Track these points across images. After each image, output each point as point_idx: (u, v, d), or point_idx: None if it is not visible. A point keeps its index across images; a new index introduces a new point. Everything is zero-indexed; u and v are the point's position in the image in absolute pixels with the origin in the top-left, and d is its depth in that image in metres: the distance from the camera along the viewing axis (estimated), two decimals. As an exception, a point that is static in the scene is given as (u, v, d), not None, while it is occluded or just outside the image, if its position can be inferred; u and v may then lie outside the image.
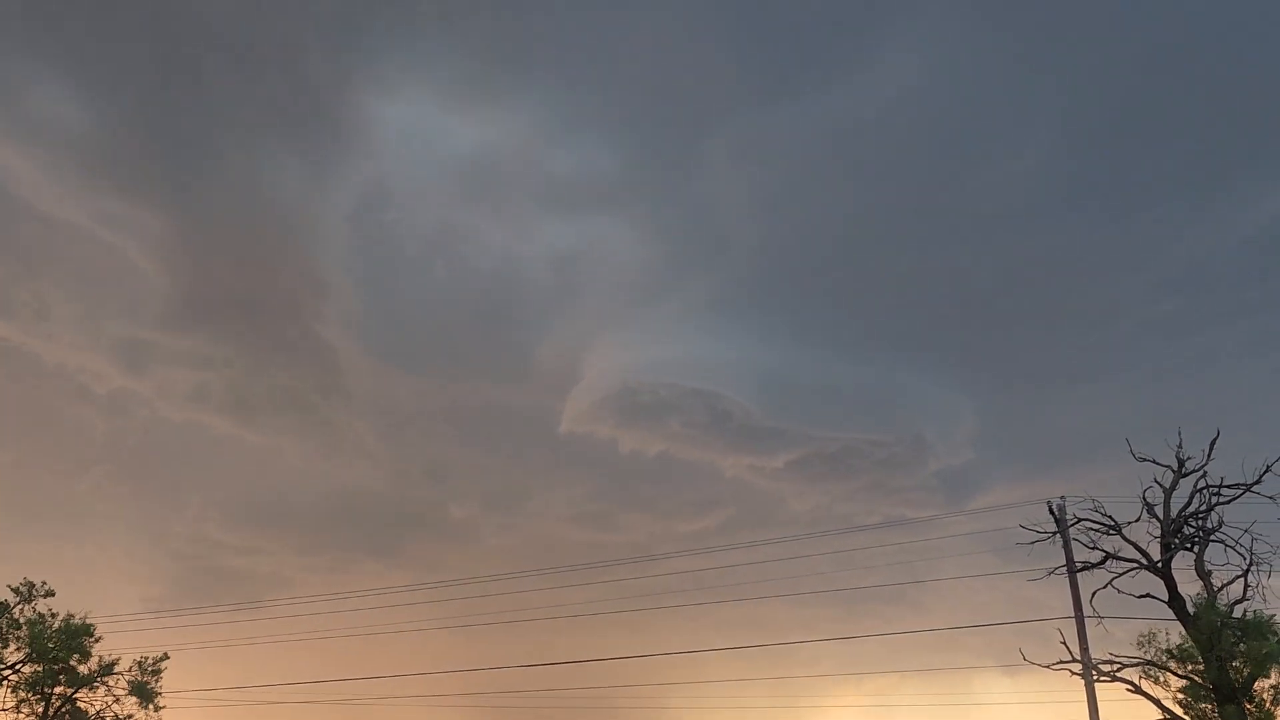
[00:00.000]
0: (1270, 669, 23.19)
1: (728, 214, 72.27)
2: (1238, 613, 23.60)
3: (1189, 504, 24.56)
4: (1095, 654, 24.76)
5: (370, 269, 71.82)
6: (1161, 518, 24.69)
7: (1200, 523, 24.52)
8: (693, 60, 67.96)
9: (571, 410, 68.74)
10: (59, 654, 32.71)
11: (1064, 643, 24.84)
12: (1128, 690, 24.10)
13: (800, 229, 71.40)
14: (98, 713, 33.76)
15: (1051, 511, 26.23)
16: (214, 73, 65.40)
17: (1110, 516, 25.10)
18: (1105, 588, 24.97)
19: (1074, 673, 24.69)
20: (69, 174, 65.01)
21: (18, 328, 67.76)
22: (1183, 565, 24.53)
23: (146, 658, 34.16)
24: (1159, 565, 24.46)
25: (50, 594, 33.74)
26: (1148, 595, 24.62)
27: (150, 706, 33.88)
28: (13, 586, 33.39)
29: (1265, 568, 23.82)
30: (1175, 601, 24.31)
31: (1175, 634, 24.31)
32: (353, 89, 67.49)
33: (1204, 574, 24.24)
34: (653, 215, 73.58)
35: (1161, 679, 24.06)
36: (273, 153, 68.08)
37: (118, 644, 34.64)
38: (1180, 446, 24.71)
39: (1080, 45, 64.49)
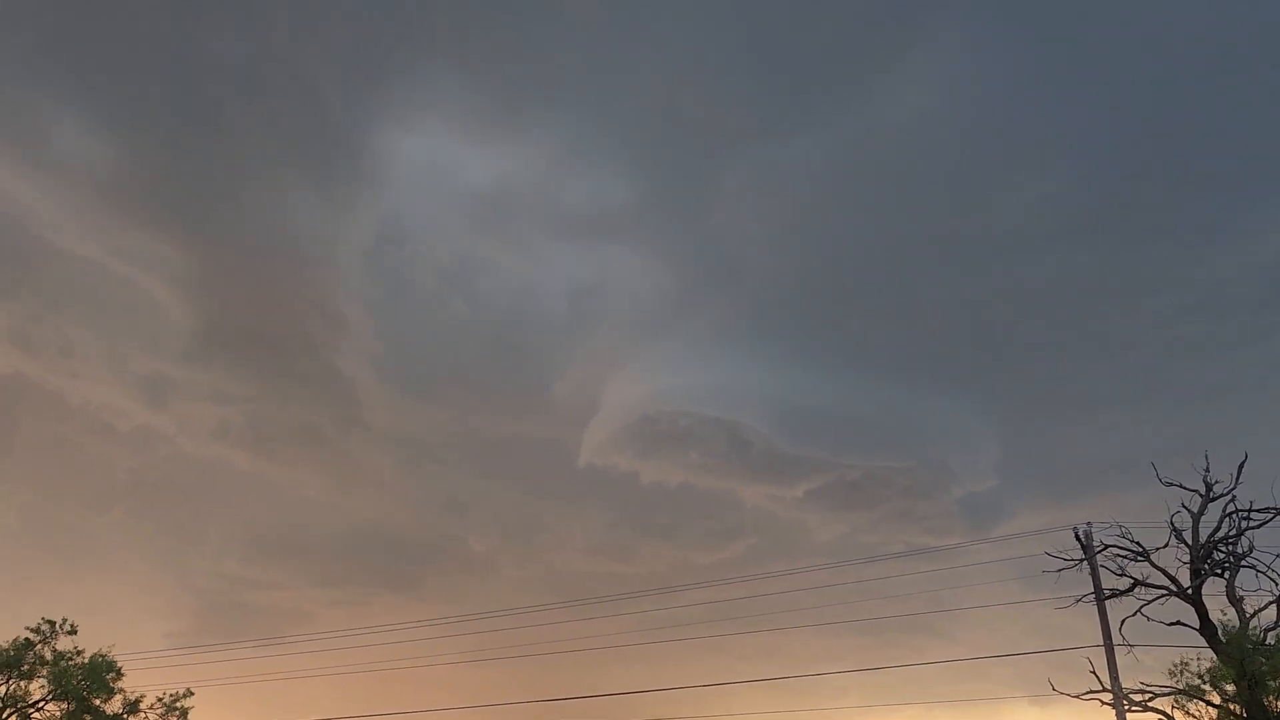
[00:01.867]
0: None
1: (744, 243, 72.60)
2: (1271, 639, 23.18)
3: (1218, 529, 24.23)
4: (1126, 683, 24.37)
5: (387, 302, 72.44)
6: (1190, 543, 24.36)
7: (1230, 548, 24.16)
8: (706, 91, 68.62)
9: (590, 441, 68.77)
10: (84, 692, 32.69)
11: (1094, 672, 24.48)
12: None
13: (817, 257, 71.56)
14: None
15: (1078, 538, 25.92)
16: (233, 109, 66.59)
17: (1138, 543, 24.78)
18: (1134, 615, 24.64)
19: (1105, 703, 24.29)
20: (90, 211, 66.09)
21: (42, 365, 68.61)
22: (1213, 591, 24.18)
23: (170, 693, 34.21)
24: (1189, 592, 24.10)
25: (72, 631, 33.90)
26: (1178, 623, 24.22)
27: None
28: (31, 628, 33.59)
29: (1297, 593, 23.44)
30: (1207, 629, 23.90)
31: (1207, 661, 23.87)
32: (369, 123, 68.58)
33: (1235, 600, 23.85)
34: (668, 245, 74.00)
35: (1194, 708, 23.59)
36: (291, 188, 69.05)
37: (141, 680, 34.73)
38: (1208, 470, 24.48)
39: (1096, 70, 64.74)
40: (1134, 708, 23.96)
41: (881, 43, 66.74)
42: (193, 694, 34.35)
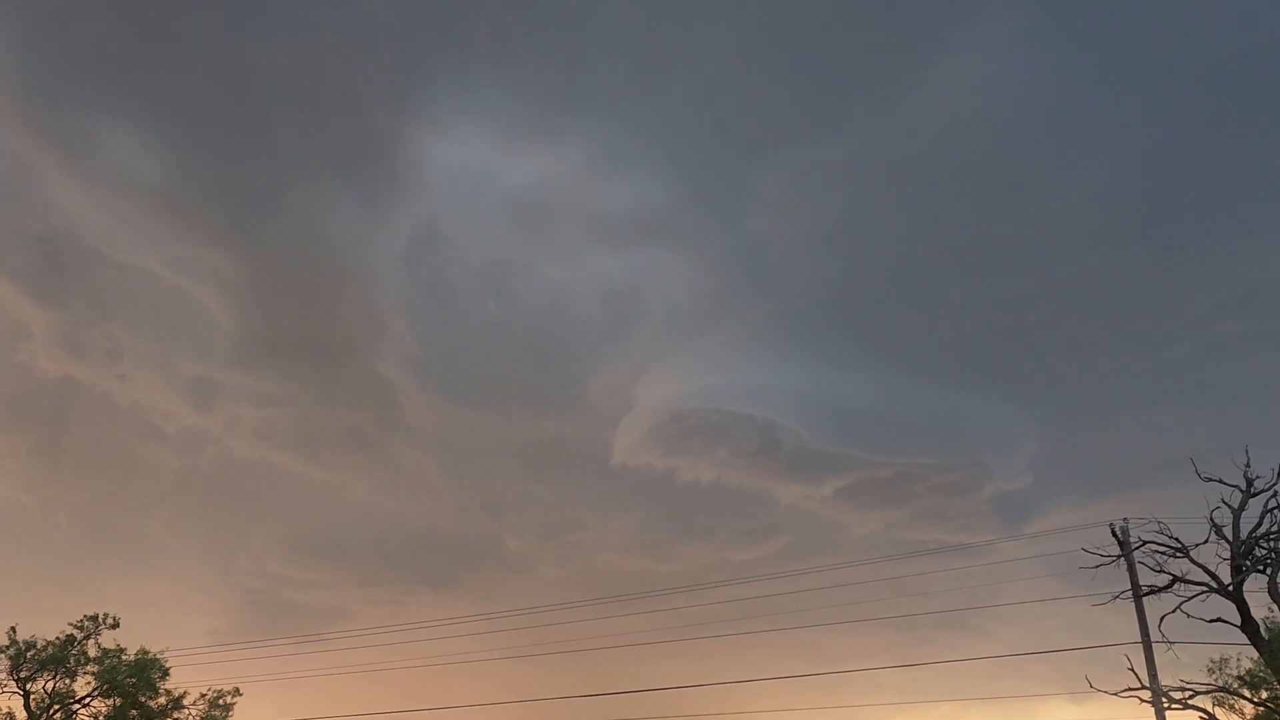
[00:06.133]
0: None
1: (780, 245, 72.59)
2: (1314, 636, 22.87)
3: (1259, 525, 23.83)
4: (1165, 680, 24.12)
5: (426, 307, 73.43)
6: (1231, 539, 24.04)
7: (1272, 544, 23.76)
8: (743, 93, 68.80)
9: (622, 441, 69.12)
10: (131, 689, 33.17)
11: (1132, 669, 24.20)
12: (1200, 718, 23.43)
13: (853, 259, 71.36)
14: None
15: (1114, 534, 25.68)
16: (277, 119, 68.05)
17: (1177, 539, 24.48)
18: (1174, 612, 24.34)
19: (1144, 700, 24.00)
20: (140, 221, 67.87)
21: (92, 370, 70.55)
22: (1255, 588, 23.79)
23: (214, 690, 34.72)
24: (1230, 588, 23.78)
25: (114, 626, 34.26)
26: (1219, 620, 23.90)
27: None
28: (74, 623, 34.06)
29: (1341, 590, 23.04)
30: (1248, 626, 23.52)
31: (1248, 660, 23.58)
32: (407, 130, 69.61)
33: (1278, 597, 23.52)
34: (704, 248, 74.21)
35: (1235, 705, 23.30)
36: (333, 196, 70.39)
37: (185, 677, 35.39)
38: (1248, 465, 24.09)
39: (1134, 68, 63.86)
40: (1173, 705, 23.71)
41: (916, 44, 66.52)
42: (240, 693, 34.88)
